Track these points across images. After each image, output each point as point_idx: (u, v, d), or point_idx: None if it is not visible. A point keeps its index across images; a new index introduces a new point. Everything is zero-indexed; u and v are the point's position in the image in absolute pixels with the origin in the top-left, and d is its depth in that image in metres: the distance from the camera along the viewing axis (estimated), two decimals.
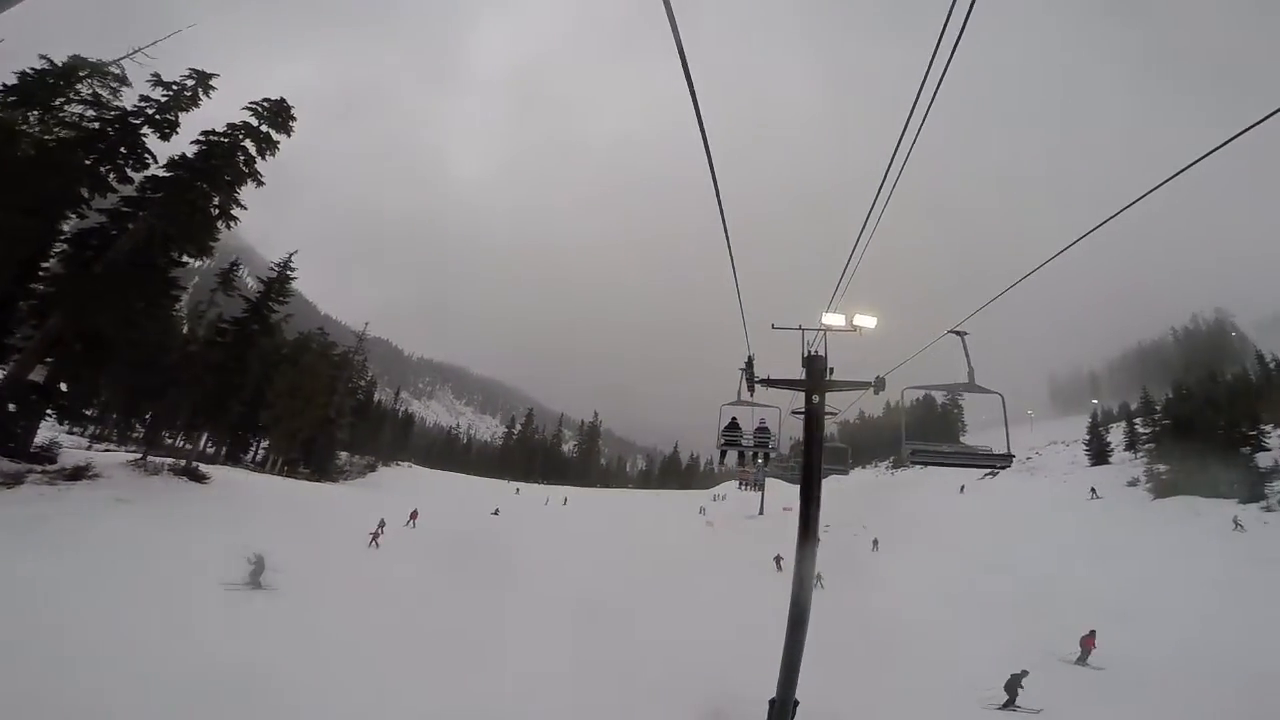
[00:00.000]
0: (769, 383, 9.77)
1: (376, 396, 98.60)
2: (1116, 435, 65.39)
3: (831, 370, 9.46)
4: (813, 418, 9.31)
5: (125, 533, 17.94)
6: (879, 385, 9.22)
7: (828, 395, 9.44)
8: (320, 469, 59.37)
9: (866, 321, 9.58)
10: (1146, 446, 54.21)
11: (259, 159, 29.61)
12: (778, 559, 28.72)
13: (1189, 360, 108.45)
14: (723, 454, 17.38)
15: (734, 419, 14.97)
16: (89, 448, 37.97)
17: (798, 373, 9.65)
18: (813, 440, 9.25)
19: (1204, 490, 35.05)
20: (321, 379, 57.88)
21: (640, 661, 14.64)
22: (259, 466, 56.30)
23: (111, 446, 48.66)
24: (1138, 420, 65.51)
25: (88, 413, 40.14)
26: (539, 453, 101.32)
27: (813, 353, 9.65)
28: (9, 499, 18.94)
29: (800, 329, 10.04)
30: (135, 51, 25.29)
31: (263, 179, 29.80)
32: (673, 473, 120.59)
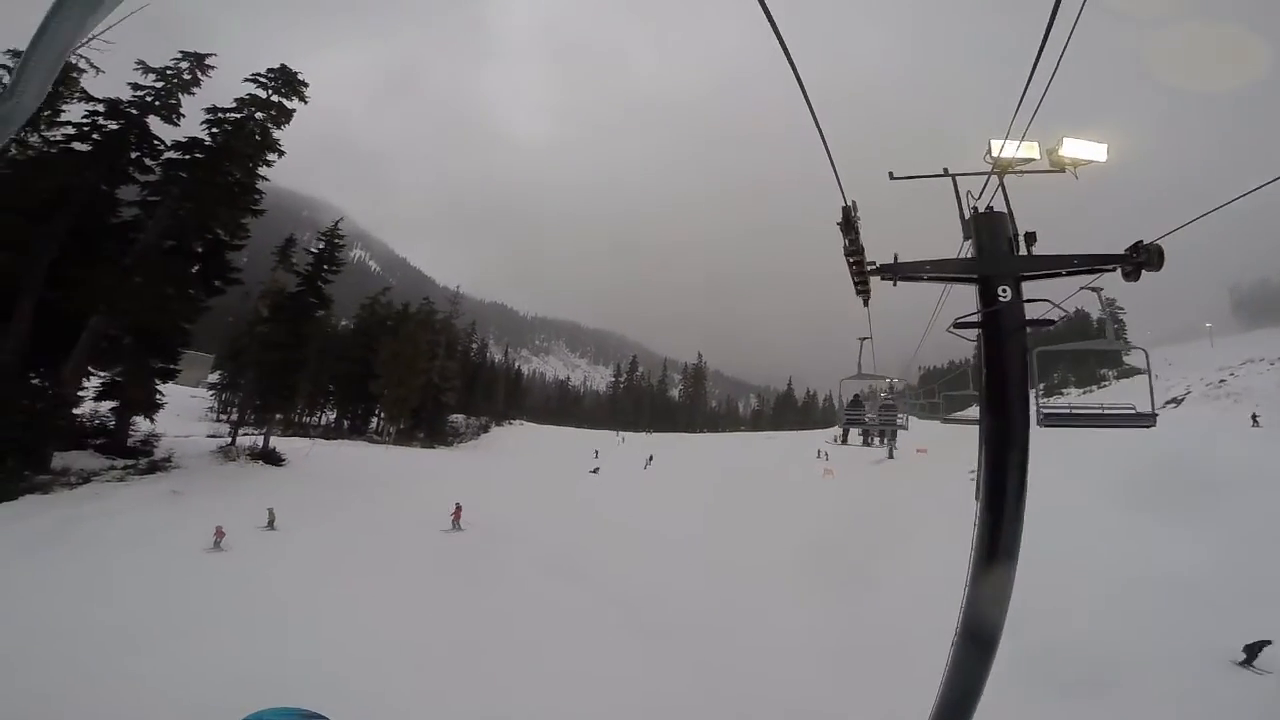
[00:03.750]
0: (902, 272, 5.30)
1: (490, 357, 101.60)
2: None
3: (1032, 237, 5.16)
4: (999, 332, 4.96)
5: (140, 531, 17.08)
6: (1146, 260, 4.72)
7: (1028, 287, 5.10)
8: (432, 434, 61.18)
9: (1088, 151, 5.14)
10: None
11: (275, 129, 28.93)
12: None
13: None
14: (845, 433, 17.03)
15: (856, 395, 14.98)
16: (228, 435, 40.46)
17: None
18: (1001, 377, 4.97)
19: None
20: (421, 345, 58.79)
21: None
22: (378, 437, 58.93)
23: (249, 431, 52.86)
24: None
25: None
26: (645, 399, 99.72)
27: (978, 207, 5.38)
28: (61, 501, 18.93)
29: (948, 174, 5.71)
30: (92, 38, 23.67)
31: (282, 149, 29.31)
32: (788, 411, 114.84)
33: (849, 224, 4.90)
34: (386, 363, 55.70)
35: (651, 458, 50.78)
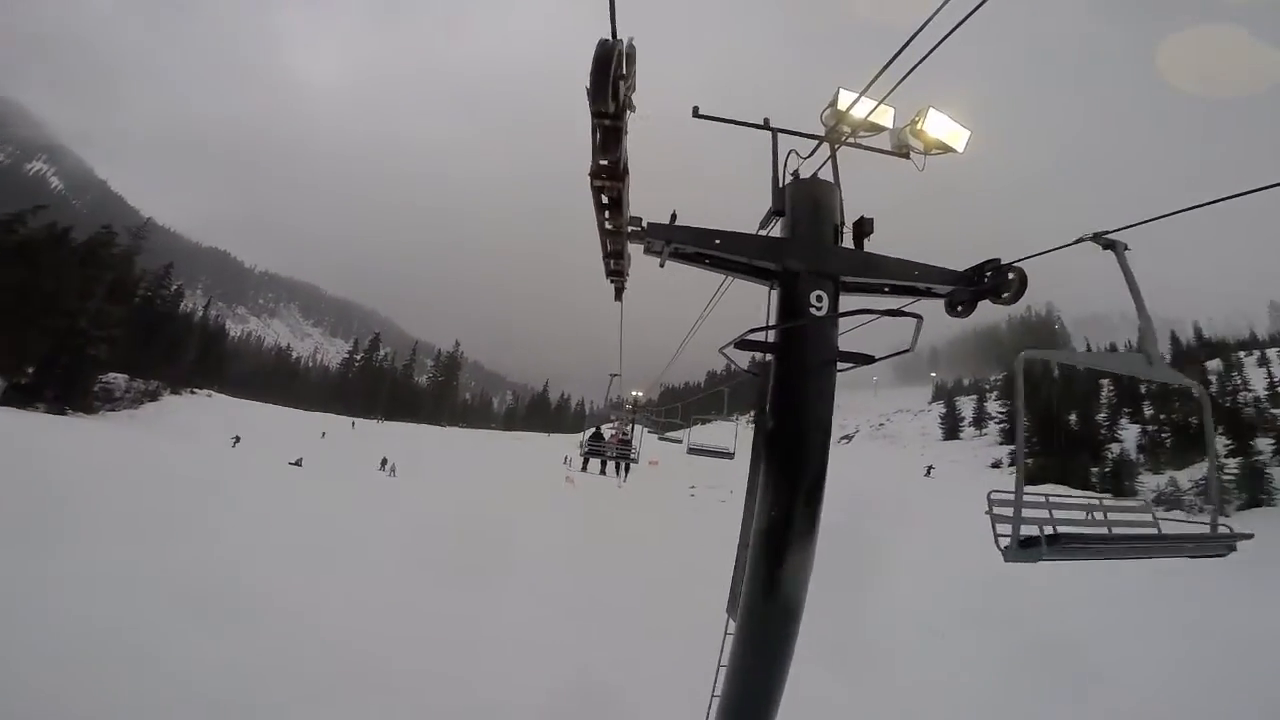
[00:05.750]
0: (678, 241, 3.48)
1: (187, 308, 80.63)
2: (966, 409, 68.30)
3: (866, 226, 3.71)
4: (800, 363, 3.33)
5: None
6: (1001, 287, 3.41)
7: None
8: (68, 396, 45.07)
9: (948, 134, 3.84)
10: (999, 425, 55.80)
11: None
12: None
13: (1020, 344, 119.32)
14: (585, 462, 19.96)
15: (597, 428, 19.61)
16: None
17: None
18: (795, 434, 3.30)
19: (1074, 480, 34.86)
20: (70, 280, 43.22)
21: None
22: None
23: None
24: (990, 396, 68.77)
25: None
26: (385, 383, 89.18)
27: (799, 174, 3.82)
28: None
29: (768, 128, 4.10)
30: None
31: None
32: (541, 413, 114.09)
33: (606, 99, 2.35)
34: (7, 299, 39.51)
35: (387, 462, 43.59)
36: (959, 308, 3.54)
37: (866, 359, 3.45)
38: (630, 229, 3.34)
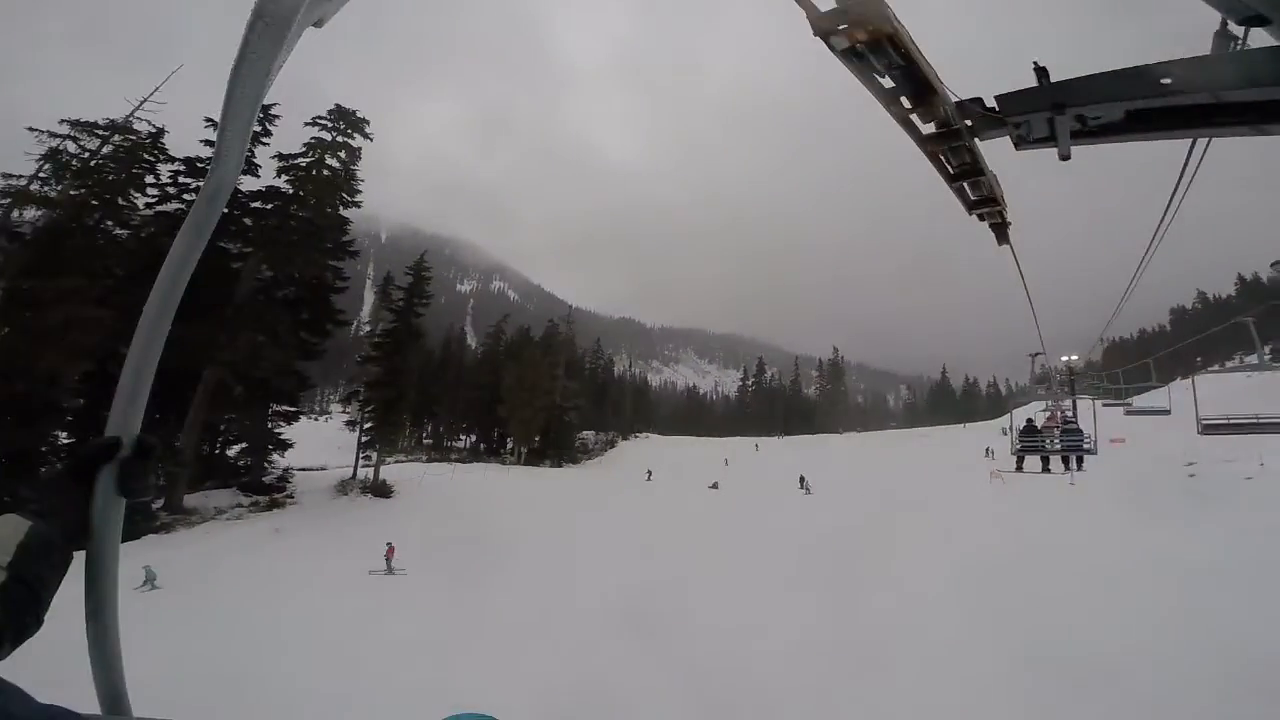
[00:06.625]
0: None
1: (619, 372, 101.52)
2: None
3: None
4: None
5: (227, 580, 16.35)
6: None
7: None
8: (560, 453, 61.28)
9: None
10: None
11: (350, 165, 30.06)
12: None
13: None
14: (1019, 462, 16.06)
15: (1030, 421, 15.87)
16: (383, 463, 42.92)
17: None
18: None
19: None
20: (542, 368, 59.16)
21: None
22: (510, 457, 60.20)
23: (400, 459, 56.23)
24: None
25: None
26: (779, 401, 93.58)
27: None
28: (174, 541, 19.23)
29: None
30: (142, 103, 24.42)
31: (359, 187, 30.34)
32: (945, 403, 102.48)
33: None
34: (509, 388, 56.75)
35: (805, 480, 38.65)
36: None
37: None
38: (966, 119, 1.66)
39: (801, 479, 37.84)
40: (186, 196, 26.80)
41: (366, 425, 32.75)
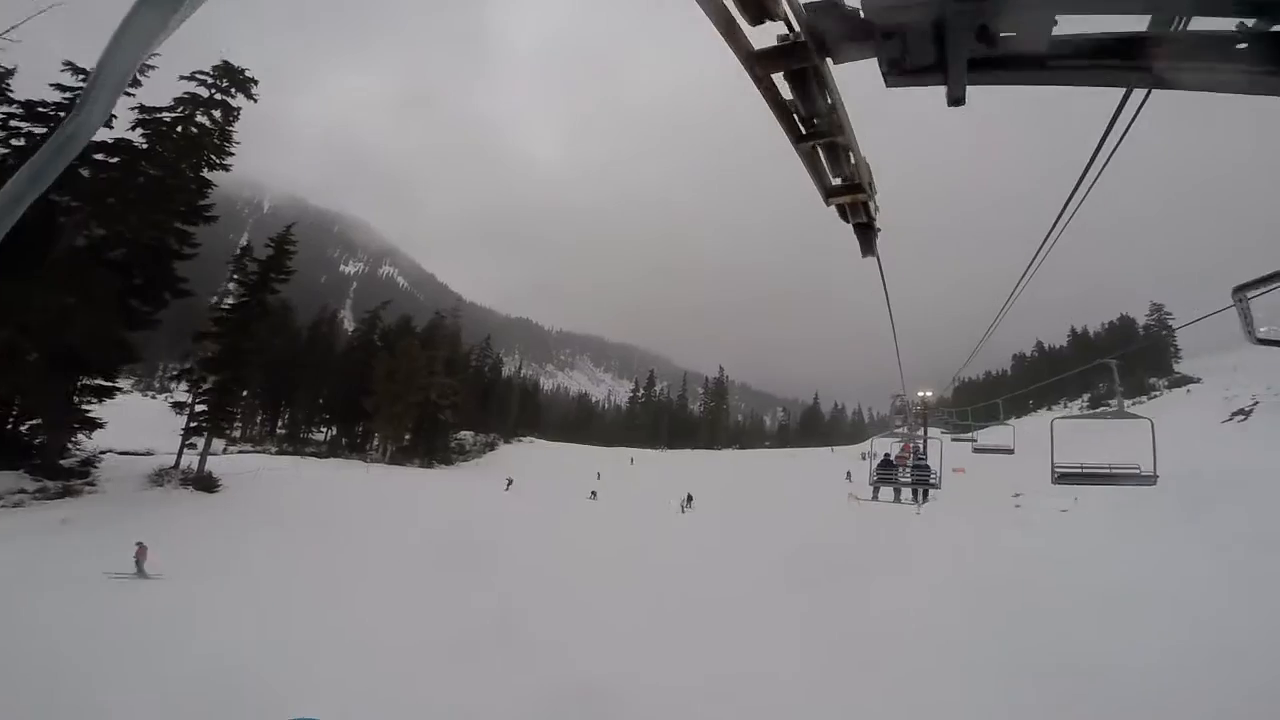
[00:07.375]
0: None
1: (507, 372, 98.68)
2: None
3: None
4: None
5: None
6: None
7: None
8: (432, 453, 58.35)
9: None
10: None
11: (226, 126, 27.64)
12: None
13: None
14: (875, 491, 18.93)
15: (887, 455, 17.15)
16: (224, 451, 37.78)
17: None
18: None
19: None
20: (419, 362, 56.14)
21: None
22: (375, 455, 56.48)
23: (246, 449, 50.69)
24: None
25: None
26: (665, 415, 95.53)
27: None
28: None
29: None
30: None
31: (232, 150, 28.08)
32: (814, 426, 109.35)
33: None
34: (380, 379, 53.28)
35: (690, 498, 39.84)
36: None
37: None
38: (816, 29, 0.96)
39: (689, 497, 39.14)
40: (14, 142, 23.24)
41: (198, 409, 29.22)
